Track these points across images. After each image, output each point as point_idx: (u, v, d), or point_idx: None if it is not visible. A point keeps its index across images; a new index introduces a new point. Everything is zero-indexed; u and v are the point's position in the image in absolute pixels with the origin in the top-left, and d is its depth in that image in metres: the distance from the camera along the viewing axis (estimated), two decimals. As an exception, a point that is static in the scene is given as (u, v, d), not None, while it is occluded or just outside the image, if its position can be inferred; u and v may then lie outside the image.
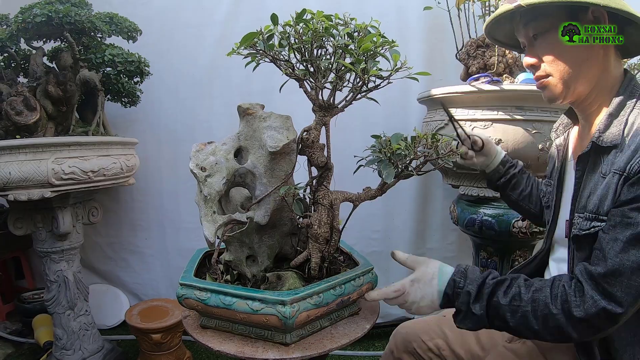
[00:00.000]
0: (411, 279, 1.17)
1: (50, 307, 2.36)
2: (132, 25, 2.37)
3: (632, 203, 0.95)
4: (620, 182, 0.99)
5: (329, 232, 1.33)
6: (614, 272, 0.95)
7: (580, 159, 1.14)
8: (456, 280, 1.11)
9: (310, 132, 1.31)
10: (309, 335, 1.25)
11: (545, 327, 1.00)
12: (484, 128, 1.96)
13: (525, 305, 1.02)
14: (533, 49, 1.17)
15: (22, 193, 1.97)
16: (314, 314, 1.19)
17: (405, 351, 1.51)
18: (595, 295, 0.96)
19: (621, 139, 1.04)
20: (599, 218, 1.04)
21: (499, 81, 1.97)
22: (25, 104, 2.08)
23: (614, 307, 0.93)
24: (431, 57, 2.72)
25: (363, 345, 2.70)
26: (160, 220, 2.99)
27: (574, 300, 0.98)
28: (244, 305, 1.17)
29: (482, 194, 2.13)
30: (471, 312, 1.08)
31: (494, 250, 2.23)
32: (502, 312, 1.05)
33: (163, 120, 2.85)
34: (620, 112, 1.08)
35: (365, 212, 2.84)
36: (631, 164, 0.96)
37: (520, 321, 1.03)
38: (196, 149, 1.36)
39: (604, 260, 0.97)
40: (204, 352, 2.73)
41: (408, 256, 1.24)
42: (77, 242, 2.38)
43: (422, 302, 1.14)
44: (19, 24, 2.02)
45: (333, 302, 1.24)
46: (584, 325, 0.97)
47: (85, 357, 2.39)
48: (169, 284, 3.01)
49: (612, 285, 0.95)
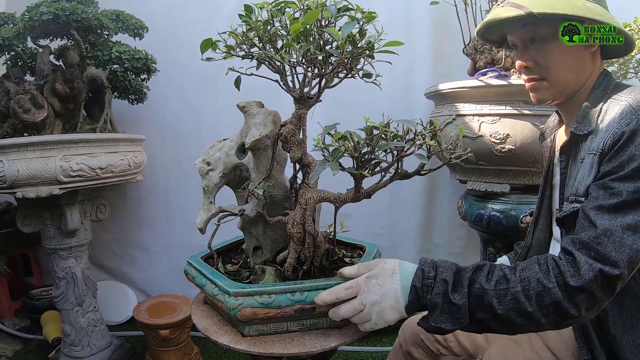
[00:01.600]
0: (366, 275, 1.06)
1: (58, 304, 2.38)
2: (139, 23, 2.37)
3: (612, 174, 0.98)
4: (596, 161, 1.02)
5: (301, 232, 1.25)
6: (605, 232, 0.94)
7: (563, 150, 1.21)
8: (425, 270, 1.02)
9: (286, 127, 1.26)
10: (271, 334, 1.20)
11: (540, 306, 0.93)
12: (492, 123, 1.96)
13: (514, 285, 0.95)
14: (527, 52, 1.18)
15: (30, 190, 1.98)
16: (263, 313, 1.14)
17: (414, 343, 1.53)
18: (589, 260, 0.93)
19: (595, 125, 1.08)
20: (577, 200, 1.07)
21: (506, 76, 1.96)
22: (33, 101, 2.09)
23: (611, 269, 0.91)
24: (438, 52, 2.71)
25: (370, 341, 2.70)
26: (167, 217, 3.00)
27: (568, 270, 0.94)
28: (209, 288, 1.24)
29: (490, 189, 2.12)
30: (450, 304, 0.97)
31: (501, 245, 2.22)
32: (487, 300, 0.96)
33: (169, 117, 2.86)
34: (595, 104, 1.13)
35: (371, 208, 2.85)
36: (605, 140, 1.01)
37: (510, 305, 0.94)
38: (210, 145, 1.43)
39: (592, 226, 0.97)
40: (212, 347, 2.74)
41: (358, 266, 1.12)
42: (85, 239, 2.40)
43: (383, 301, 1.01)
44: (26, 22, 2.03)
45: (288, 306, 1.14)
46: (582, 296, 0.92)
47: (93, 353, 2.41)
48: (176, 280, 3.00)
49: (605, 245, 0.93)
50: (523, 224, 2.02)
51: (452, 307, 0.97)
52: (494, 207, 2.11)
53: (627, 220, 0.93)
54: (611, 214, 0.95)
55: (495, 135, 1.96)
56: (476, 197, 2.24)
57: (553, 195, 1.34)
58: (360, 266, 1.11)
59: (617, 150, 0.98)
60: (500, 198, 2.13)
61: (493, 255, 2.26)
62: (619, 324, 1.08)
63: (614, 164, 0.98)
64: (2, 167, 1.93)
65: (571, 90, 1.18)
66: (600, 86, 1.15)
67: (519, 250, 1.51)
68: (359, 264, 1.12)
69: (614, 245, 0.92)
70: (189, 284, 1.42)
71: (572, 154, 1.18)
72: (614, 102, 1.08)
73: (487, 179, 2.14)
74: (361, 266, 1.11)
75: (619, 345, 1.08)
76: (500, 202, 2.12)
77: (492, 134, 1.97)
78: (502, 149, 1.96)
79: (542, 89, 1.19)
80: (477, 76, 2.04)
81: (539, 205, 1.40)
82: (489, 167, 2.10)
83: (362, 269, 1.09)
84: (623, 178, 0.96)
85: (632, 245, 0.92)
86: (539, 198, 1.40)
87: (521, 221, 2.03)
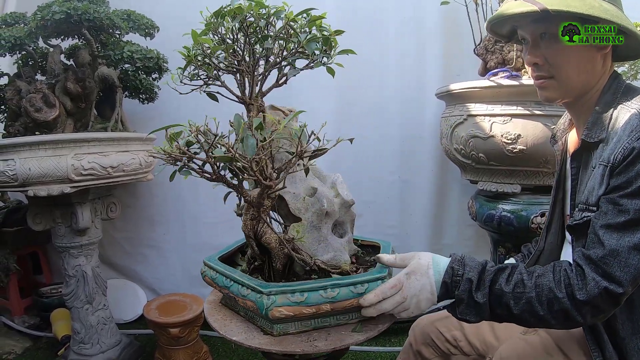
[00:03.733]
0: (406, 272, 1.15)
1: (68, 302, 2.39)
2: (150, 22, 2.38)
3: (621, 190, 1.00)
4: (606, 173, 1.03)
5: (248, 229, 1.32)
6: (611, 253, 0.98)
7: (574, 157, 1.22)
8: (454, 268, 1.11)
9: None
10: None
11: (551, 311, 1.01)
12: (503, 123, 1.96)
13: (529, 291, 1.03)
14: (538, 48, 1.15)
15: (41, 189, 1.99)
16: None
17: (424, 343, 1.53)
18: (596, 277, 0.98)
19: (606, 133, 1.09)
20: (589, 208, 1.08)
21: (518, 76, 1.96)
22: (45, 100, 2.10)
23: (615, 287, 0.96)
24: (449, 52, 2.71)
25: (380, 341, 2.69)
26: (178, 216, 3.01)
27: (577, 283, 1.00)
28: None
29: (501, 189, 2.11)
30: (473, 301, 1.07)
31: (512, 246, 2.21)
32: (505, 300, 1.05)
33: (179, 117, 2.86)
34: (605, 109, 1.12)
35: (380, 208, 2.85)
36: (615, 154, 1.01)
37: (525, 307, 1.03)
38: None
39: (600, 245, 1.01)
40: (221, 346, 2.75)
41: (395, 256, 1.22)
42: (95, 237, 2.40)
43: (421, 294, 1.11)
44: (38, 21, 2.04)
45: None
46: (587, 307, 0.99)
47: (103, 351, 2.42)
48: (187, 279, 3.02)
49: (611, 266, 0.98)
50: (534, 224, 2.02)
51: (475, 304, 1.07)
52: (504, 208, 2.11)
53: (634, 240, 0.97)
54: (619, 232, 0.99)
55: (507, 136, 1.95)
56: (487, 198, 2.23)
57: (565, 199, 1.34)
58: (397, 257, 1.21)
59: (627, 165, 0.99)
60: (511, 198, 2.13)
61: (503, 255, 2.25)
62: (628, 327, 1.09)
63: (622, 180, 0.99)
64: (13, 165, 1.94)
65: (580, 91, 1.16)
66: (610, 89, 1.14)
67: (526, 252, 1.54)
68: (396, 254, 1.23)
69: (620, 265, 0.97)
70: (199, 282, 1.43)
71: (583, 161, 1.19)
72: (624, 108, 1.08)
73: (498, 179, 2.13)
74: (398, 257, 1.21)
75: (627, 348, 1.09)
76: (511, 203, 2.11)
77: (504, 134, 1.96)
78: (514, 149, 1.96)
79: (550, 87, 1.17)
80: (488, 76, 2.03)
81: (552, 210, 1.39)
82: (500, 168, 2.09)
83: (399, 260, 1.20)
84: (630, 195, 0.98)
85: (636, 265, 0.97)
86: (552, 202, 1.39)
87: (532, 222, 2.02)
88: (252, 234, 1.32)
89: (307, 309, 1.15)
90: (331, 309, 1.17)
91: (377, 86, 2.76)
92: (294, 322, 1.20)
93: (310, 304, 1.15)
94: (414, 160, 2.82)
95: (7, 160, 1.96)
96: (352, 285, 1.18)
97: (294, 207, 1.35)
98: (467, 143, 2.10)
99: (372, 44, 2.71)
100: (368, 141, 2.79)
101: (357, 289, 1.18)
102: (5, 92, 2.22)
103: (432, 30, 2.70)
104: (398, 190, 2.86)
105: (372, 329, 1.23)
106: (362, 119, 2.78)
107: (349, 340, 1.18)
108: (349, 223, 1.47)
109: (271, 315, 1.13)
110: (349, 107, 2.75)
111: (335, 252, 1.34)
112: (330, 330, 1.22)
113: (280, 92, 1.52)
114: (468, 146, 2.10)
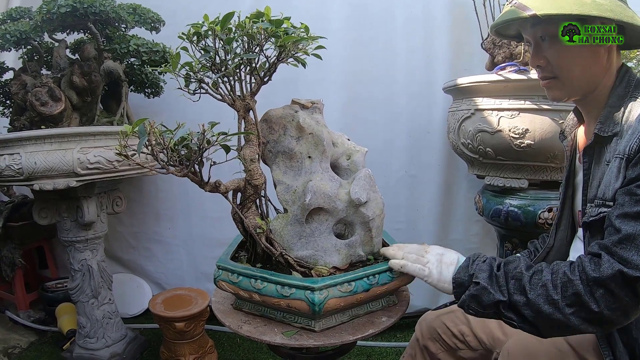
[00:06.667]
0: (440, 253, 1.24)
1: (74, 296, 2.39)
2: (156, 16, 2.37)
3: (637, 180, 0.98)
4: (622, 165, 1.02)
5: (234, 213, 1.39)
6: (627, 237, 0.95)
7: (586, 151, 1.19)
8: (473, 254, 1.18)
9: None
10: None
11: (565, 295, 0.99)
12: (511, 117, 1.94)
13: (546, 274, 1.03)
14: (540, 50, 1.17)
15: (47, 183, 1.99)
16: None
17: (431, 338, 1.53)
18: (611, 259, 0.96)
19: (620, 127, 1.09)
20: (605, 204, 1.07)
21: (526, 70, 1.94)
22: (50, 94, 2.10)
23: (630, 271, 0.92)
24: (456, 46, 2.70)
25: (385, 336, 2.69)
26: (184, 210, 3.00)
27: (590, 265, 0.98)
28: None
29: (508, 184, 2.10)
30: (494, 275, 1.09)
31: (519, 241, 2.20)
32: (523, 283, 1.04)
33: (185, 111, 2.85)
34: (618, 103, 1.12)
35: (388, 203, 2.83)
36: (630, 145, 1.00)
37: (540, 291, 1.01)
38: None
39: (616, 232, 0.98)
40: (226, 340, 2.75)
41: (397, 245, 1.39)
42: (101, 232, 2.41)
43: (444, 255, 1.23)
44: (44, 15, 2.03)
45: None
46: (601, 291, 0.95)
47: (108, 345, 2.42)
48: (193, 274, 3.01)
49: (627, 249, 0.95)
50: (541, 219, 2.01)
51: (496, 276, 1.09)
52: (511, 203, 2.10)
53: None
54: (636, 220, 0.96)
55: (514, 130, 1.94)
56: (494, 193, 2.22)
57: (575, 195, 1.33)
58: (399, 246, 1.36)
59: None
60: (518, 193, 2.11)
61: (510, 251, 2.24)
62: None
63: (639, 170, 0.98)
64: (19, 159, 1.95)
65: (586, 89, 1.16)
66: (622, 83, 1.13)
67: (532, 248, 1.53)
68: (396, 244, 1.38)
69: (636, 249, 0.94)
70: (204, 277, 1.42)
71: (595, 155, 1.17)
72: (637, 101, 1.08)
73: (506, 174, 2.12)
74: (401, 246, 1.36)
75: (639, 348, 1.08)
76: (518, 198, 2.10)
77: (511, 128, 1.95)
78: (521, 143, 1.94)
79: (555, 87, 1.18)
80: (496, 70, 2.02)
81: (562, 206, 1.38)
82: (508, 162, 2.08)
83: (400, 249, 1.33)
84: None
85: None
86: (561, 199, 1.38)
87: (539, 217, 2.01)
88: (237, 217, 1.38)
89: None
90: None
91: (385, 82, 2.75)
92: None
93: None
94: (422, 155, 2.81)
95: (12, 154, 1.96)
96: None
97: (282, 199, 1.38)
98: (474, 137, 2.09)
99: (381, 40, 2.70)
100: (376, 136, 2.78)
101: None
102: (11, 87, 2.22)
103: (440, 26, 2.69)
104: (405, 186, 2.85)
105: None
106: (370, 114, 2.77)
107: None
108: (358, 224, 1.43)
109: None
110: (357, 102, 2.74)
111: (316, 251, 1.35)
112: (362, 318, 1.33)
113: (290, 88, 1.53)
114: (475, 141, 2.09)
